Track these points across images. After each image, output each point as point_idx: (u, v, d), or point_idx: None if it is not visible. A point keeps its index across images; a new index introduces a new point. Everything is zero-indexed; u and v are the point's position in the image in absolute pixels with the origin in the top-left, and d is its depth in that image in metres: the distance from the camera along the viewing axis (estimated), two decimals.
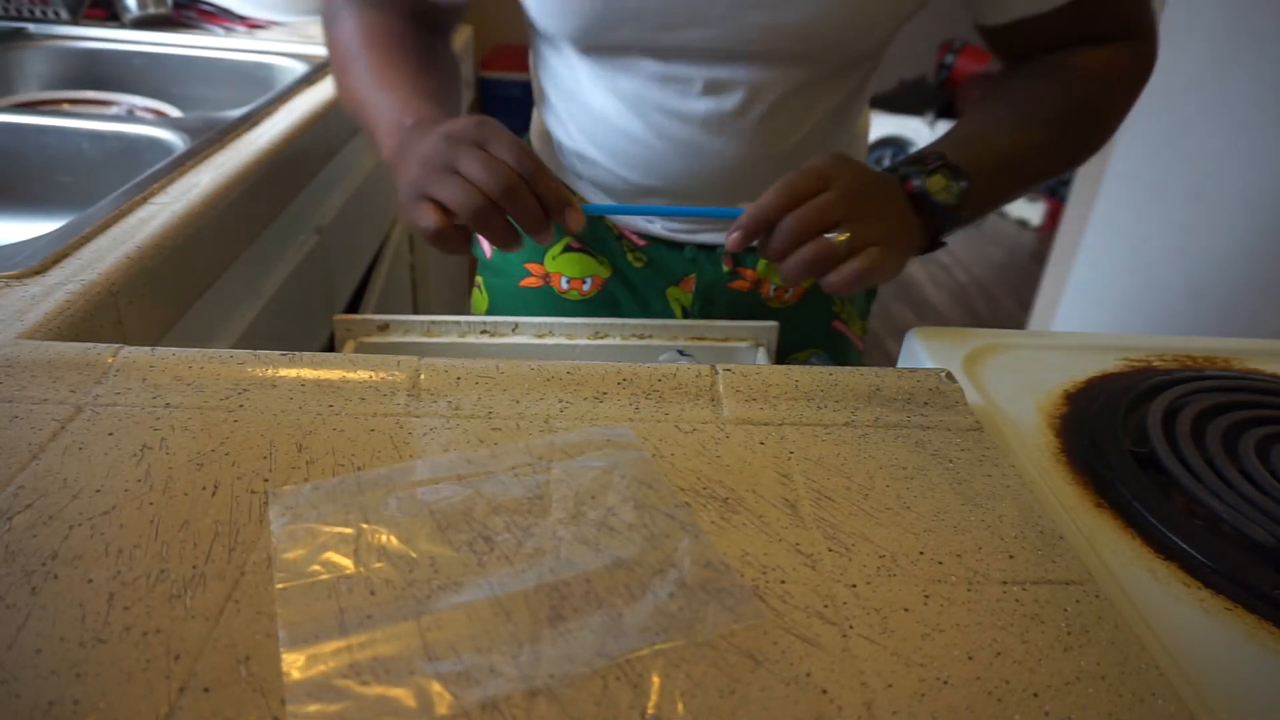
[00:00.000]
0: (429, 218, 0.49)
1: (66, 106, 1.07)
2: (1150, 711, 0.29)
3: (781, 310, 0.78)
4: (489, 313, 0.81)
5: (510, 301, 0.79)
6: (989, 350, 0.54)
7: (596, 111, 0.67)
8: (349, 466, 0.37)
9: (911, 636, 0.31)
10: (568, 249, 0.76)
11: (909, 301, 2.90)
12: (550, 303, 0.77)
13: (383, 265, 1.16)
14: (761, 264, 0.77)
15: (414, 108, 0.56)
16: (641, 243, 0.76)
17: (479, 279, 0.84)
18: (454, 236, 0.50)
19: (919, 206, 0.54)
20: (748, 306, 0.78)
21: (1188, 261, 1.69)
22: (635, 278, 0.77)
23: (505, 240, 0.50)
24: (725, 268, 0.76)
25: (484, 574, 0.32)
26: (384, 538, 0.33)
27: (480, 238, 0.82)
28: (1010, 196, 0.61)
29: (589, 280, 0.77)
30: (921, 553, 0.35)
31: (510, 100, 2.45)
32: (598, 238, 0.76)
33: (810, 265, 0.48)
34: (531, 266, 0.78)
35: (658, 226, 0.74)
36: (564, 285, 0.77)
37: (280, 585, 0.31)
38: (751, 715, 0.28)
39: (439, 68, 0.66)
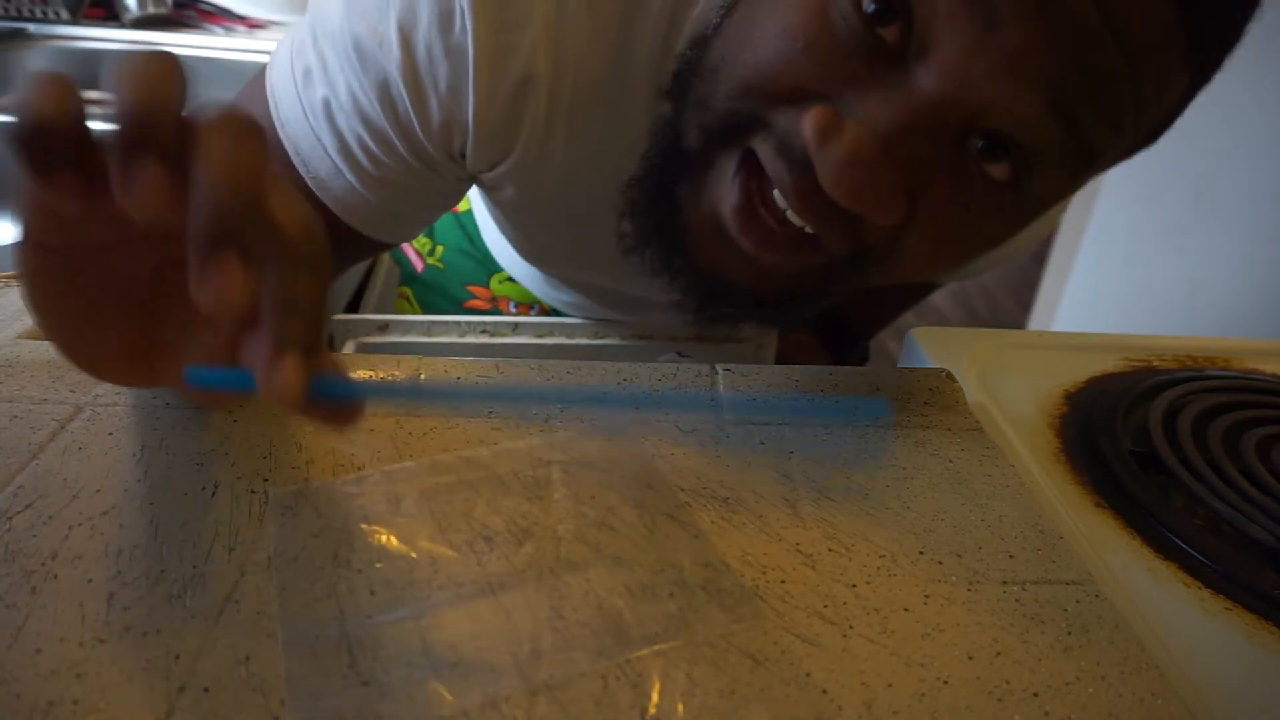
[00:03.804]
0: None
1: None
2: (1150, 711, 0.29)
3: None
4: None
5: None
6: (989, 350, 0.54)
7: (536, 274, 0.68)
8: (349, 466, 0.37)
9: (911, 636, 0.31)
10: (512, 278, 0.75)
11: None
12: None
13: (382, 265, 1.15)
14: None
15: None
16: None
17: (406, 290, 0.81)
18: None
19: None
20: None
21: (1187, 262, 1.69)
22: None
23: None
24: None
25: (484, 574, 0.32)
26: (384, 538, 0.33)
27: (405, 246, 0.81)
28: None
29: (536, 306, 0.77)
30: (921, 553, 0.35)
31: None
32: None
33: None
34: (476, 289, 0.77)
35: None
36: (512, 309, 0.77)
37: (280, 586, 0.31)
38: (751, 715, 0.28)
39: None
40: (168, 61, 0.24)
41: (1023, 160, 0.34)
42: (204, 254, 0.22)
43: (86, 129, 0.24)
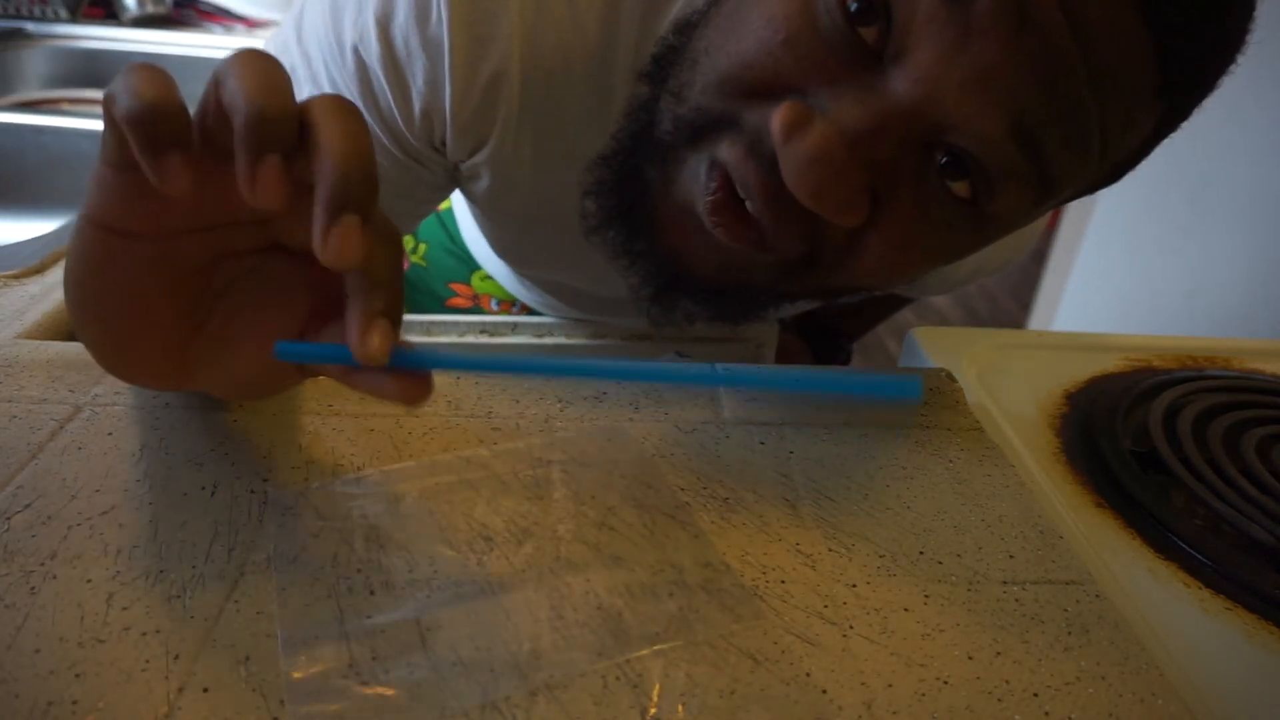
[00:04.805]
0: None
1: (66, 106, 1.07)
2: (1150, 711, 0.29)
3: None
4: None
5: None
6: (989, 350, 0.54)
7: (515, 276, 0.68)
8: (349, 466, 0.37)
9: (911, 636, 0.31)
10: (490, 275, 0.76)
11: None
12: None
13: None
14: None
15: None
16: None
17: None
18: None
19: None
20: None
21: (1187, 262, 1.69)
22: None
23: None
24: None
25: (484, 574, 0.32)
26: (384, 538, 0.33)
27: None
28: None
29: (517, 304, 0.77)
30: (921, 552, 0.35)
31: None
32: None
33: None
34: (458, 287, 0.77)
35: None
36: (494, 306, 0.77)
37: (280, 586, 0.31)
38: (751, 715, 0.28)
39: None
40: (274, 60, 0.26)
41: (984, 181, 0.34)
42: (330, 218, 0.25)
43: (188, 113, 0.26)
